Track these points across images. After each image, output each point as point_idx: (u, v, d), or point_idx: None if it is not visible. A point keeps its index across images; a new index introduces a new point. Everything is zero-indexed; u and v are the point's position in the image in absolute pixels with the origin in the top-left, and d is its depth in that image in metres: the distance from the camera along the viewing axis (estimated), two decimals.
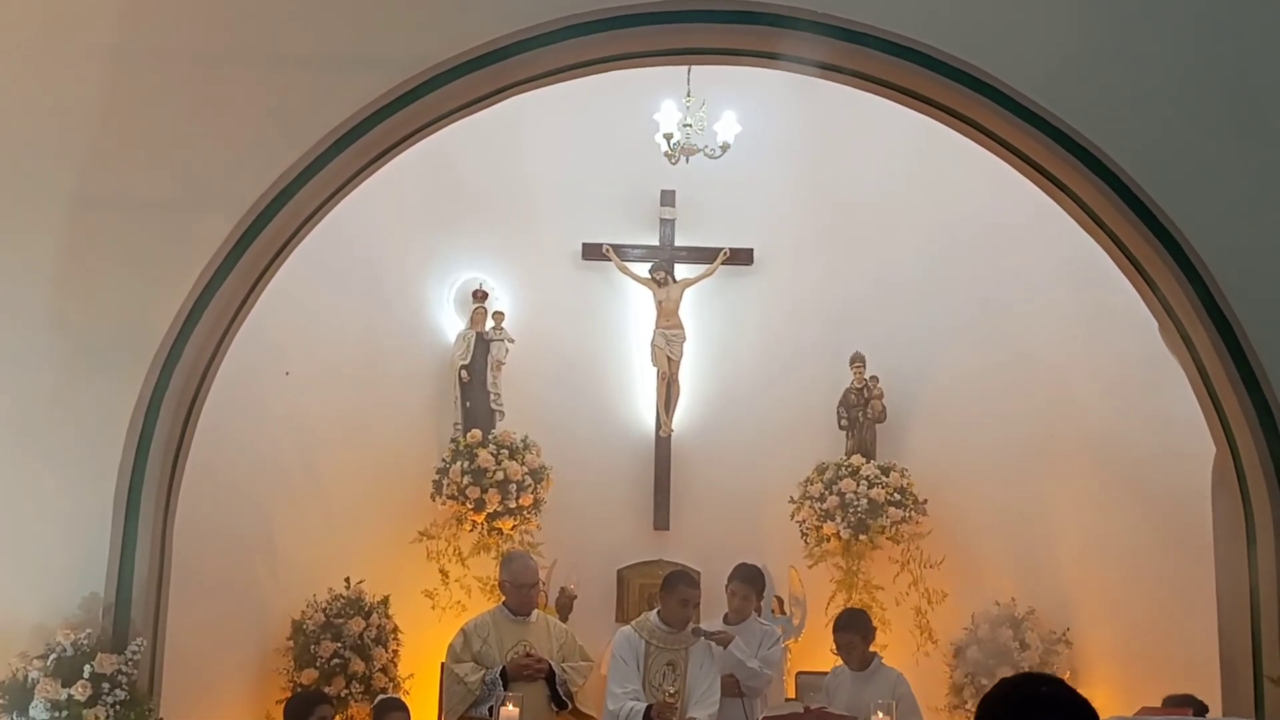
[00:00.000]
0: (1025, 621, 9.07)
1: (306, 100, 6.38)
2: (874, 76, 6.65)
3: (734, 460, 10.13)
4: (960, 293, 9.81)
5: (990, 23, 6.40)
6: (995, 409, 9.52)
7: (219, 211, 6.33)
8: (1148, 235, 6.42)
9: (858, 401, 9.94)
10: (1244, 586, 6.48)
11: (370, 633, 8.85)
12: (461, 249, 10.23)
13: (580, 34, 6.41)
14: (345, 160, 6.46)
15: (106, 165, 6.37)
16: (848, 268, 10.15)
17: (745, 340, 10.42)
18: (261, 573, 8.77)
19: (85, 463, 6.21)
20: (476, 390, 9.96)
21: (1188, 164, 6.36)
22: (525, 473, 9.65)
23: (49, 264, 6.32)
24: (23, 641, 5.96)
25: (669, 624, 6.94)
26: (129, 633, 6.10)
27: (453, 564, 9.72)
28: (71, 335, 6.27)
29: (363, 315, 9.71)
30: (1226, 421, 6.55)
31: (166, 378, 6.30)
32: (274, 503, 8.84)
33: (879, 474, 9.69)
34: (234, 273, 6.38)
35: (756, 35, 6.55)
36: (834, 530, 9.64)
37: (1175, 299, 6.51)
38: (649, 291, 10.39)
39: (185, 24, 6.44)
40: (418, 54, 6.37)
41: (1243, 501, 6.53)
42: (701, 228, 10.42)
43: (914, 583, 9.61)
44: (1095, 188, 6.47)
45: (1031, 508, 9.29)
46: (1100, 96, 6.38)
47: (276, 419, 8.86)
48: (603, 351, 10.44)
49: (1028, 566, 9.27)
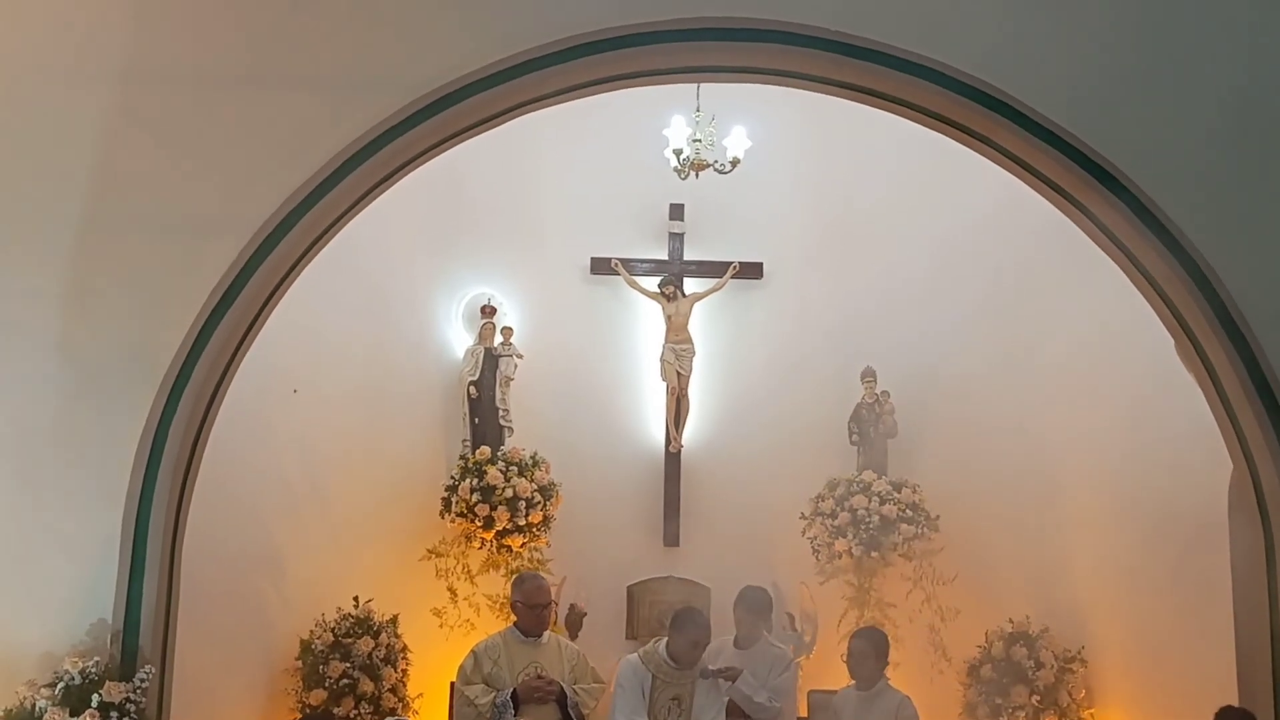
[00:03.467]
0: (1039, 640, 8.99)
1: (315, 121, 6.35)
2: (886, 94, 6.61)
3: (744, 476, 10.08)
4: (971, 307, 9.76)
5: (1004, 40, 6.36)
6: (1008, 425, 9.46)
7: (227, 233, 6.31)
8: (1163, 252, 6.38)
9: (869, 416, 9.89)
10: (1262, 604, 6.44)
11: (379, 652, 8.80)
12: (470, 264, 10.20)
13: (589, 53, 6.39)
14: (354, 181, 6.44)
15: (114, 188, 6.34)
16: (858, 281, 10.11)
17: (755, 354, 10.38)
18: (269, 592, 8.72)
19: (93, 487, 6.18)
20: (485, 406, 9.93)
21: (1203, 180, 6.32)
22: (534, 489, 9.60)
23: (57, 287, 6.29)
24: (30, 669, 5.93)
25: (677, 661, 6.84)
26: (137, 659, 6.06)
27: (461, 582, 9.68)
28: (79, 359, 6.25)
29: (371, 332, 9.67)
30: (1244, 439, 6.50)
31: (175, 401, 6.27)
32: (281, 522, 8.79)
33: (891, 490, 9.64)
34: (242, 295, 6.36)
35: (768, 53, 6.53)
36: (846, 547, 9.58)
37: (1191, 316, 6.47)
38: (658, 306, 10.35)
39: (192, 47, 6.41)
40: (427, 74, 6.35)
41: (1261, 519, 6.49)
42: (711, 242, 10.39)
43: (927, 600, 9.55)
44: (1110, 204, 6.43)
45: (1045, 524, 9.23)
46: (1115, 113, 6.34)
47: (284, 437, 8.82)
48: (612, 367, 10.41)
49: (1041, 584, 9.20)
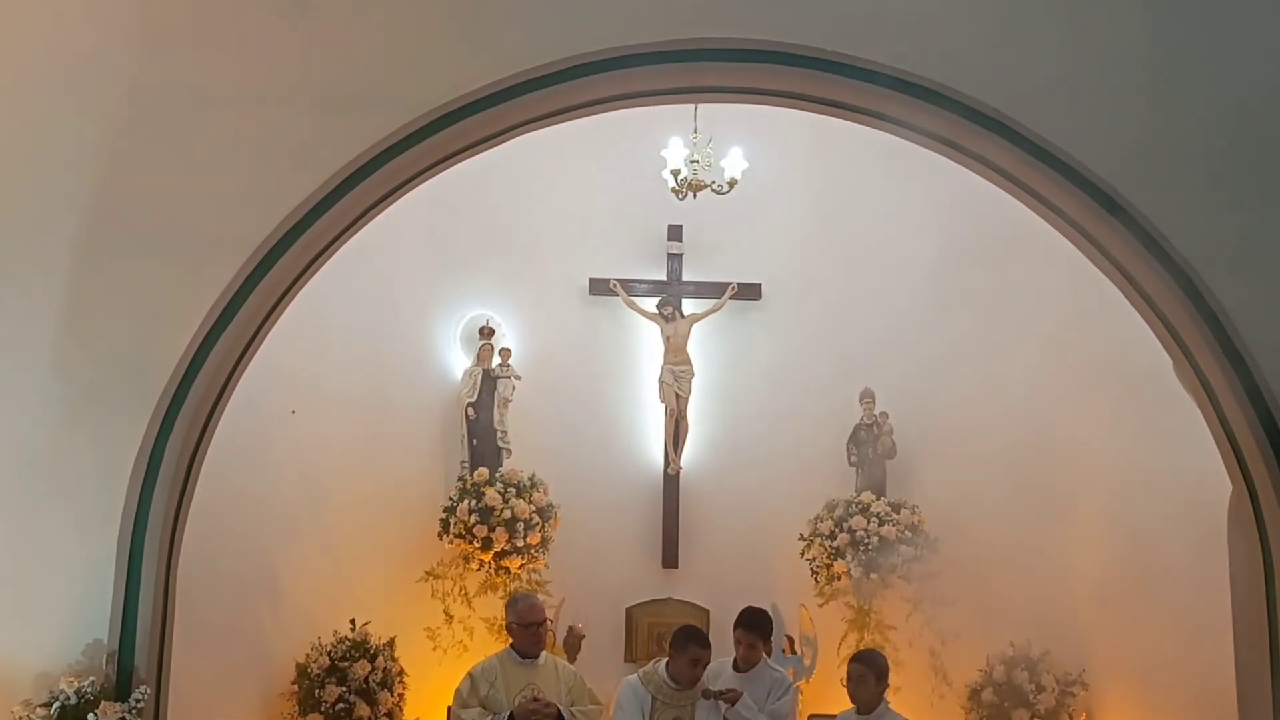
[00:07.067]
0: (1041, 663, 8.96)
1: (314, 141, 6.36)
2: (884, 114, 6.60)
3: (743, 497, 10.07)
4: (970, 328, 9.74)
5: (1003, 62, 6.33)
6: (1006, 445, 9.43)
7: (225, 253, 6.30)
8: (1161, 273, 6.37)
9: (867, 438, 9.88)
10: (1261, 624, 6.40)
11: (376, 676, 8.75)
12: (468, 285, 10.22)
13: (588, 74, 6.40)
14: (352, 201, 6.44)
15: (113, 206, 6.34)
16: (856, 302, 10.12)
17: (754, 376, 10.38)
18: (265, 615, 8.67)
19: (89, 507, 6.15)
20: (483, 428, 9.92)
21: (1202, 202, 6.30)
22: (533, 511, 9.59)
23: (55, 305, 6.29)
24: (26, 689, 5.91)
25: (677, 681, 6.80)
26: (133, 680, 6.03)
27: (458, 604, 9.66)
28: (75, 378, 6.24)
29: (369, 353, 9.67)
30: (1243, 459, 6.48)
31: (171, 420, 6.26)
32: (278, 542, 8.75)
33: (890, 511, 9.61)
34: (240, 315, 6.35)
35: (765, 74, 6.53)
36: (845, 568, 9.55)
37: (1189, 336, 6.46)
38: (656, 327, 10.35)
39: (191, 65, 6.42)
40: (426, 94, 6.35)
41: (1260, 539, 6.46)
42: (709, 263, 10.41)
43: (927, 622, 9.51)
44: (1109, 227, 6.42)
45: (1045, 546, 9.18)
46: (1113, 134, 6.32)
47: (281, 458, 8.79)
48: (610, 388, 10.41)
49: (1042, 606, 9.16)
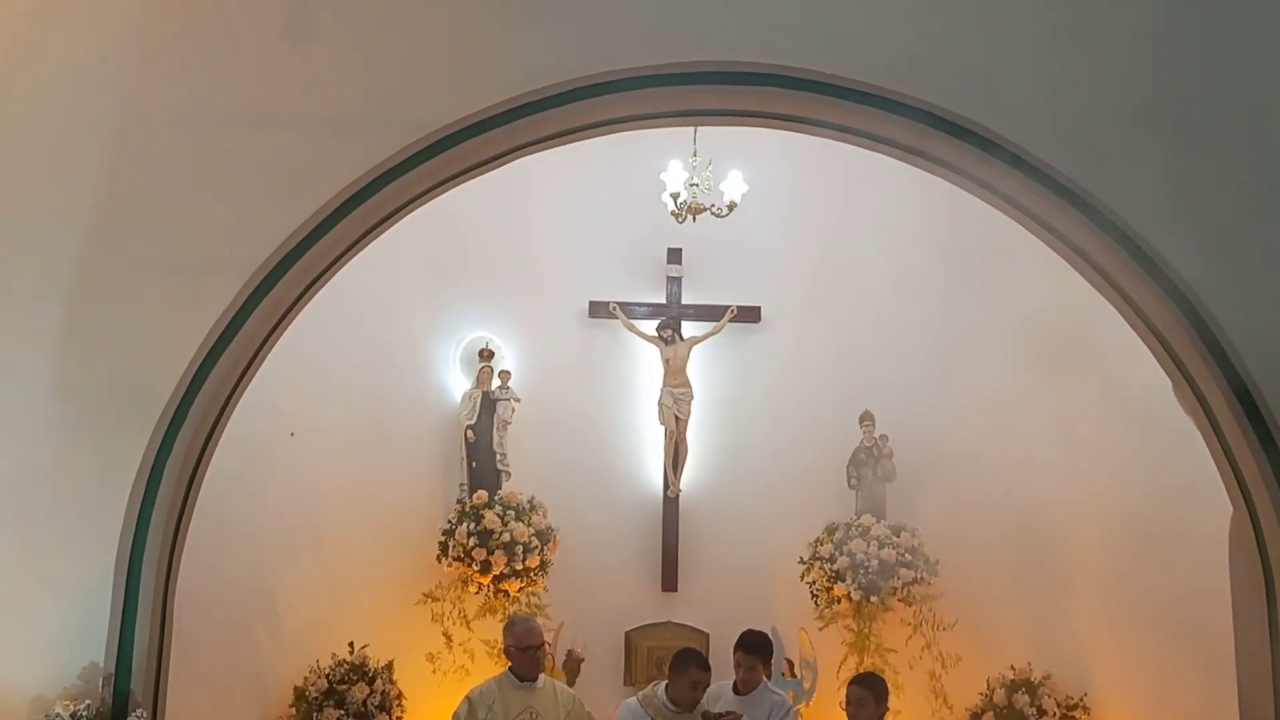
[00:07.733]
0: (1042, 687, 8.92)
1: (313, 163, 6.36)
2: (882, 137, 6.62)
3: (743, 520, 10.05)
4: (969, 350, 9.74)
5: (997, 81, 6.36)
6: (1007, 468, 9.42)
7: (224, 274, 6.29)
8: (1160, 294, 6.36)
9: (867, 460, 9.87)
10: (1264, 649, 6.37)
11: (374, 699, 8.72)
12: (467, 308, 10.22)
13: (587, 96, 6.41)
14: (352, 223, 6.44)
15: (111, 228, 6.33)
16: (856, 325, 10.12)
17: (753, 398, 10.37)
18: (264, 637, 8.64)
19: (86, 529, 6.12)
20: (482, 450, 9.91)
21: (1200, 222, 6.30)
22: (532, 534, 9.57)
23: (55, 325, 6.27)
24: (21, 713, 5.87)
25: (677, 704, 6.76)
26: (129, 703, 5.99)
27: (457, 627, 9.62)
28: (73, 399, 6.22)
29: (368, 375, 9.67)
30: (1243, 481, 6.46)
31: (169, 443, 6.24)
32: (277, 565, 8.74)
33: (890, 534, 9.60)
34: (240, 335, 6.34)
35: (765, 97, 6.55)
36: (844, 591, 9.52)
37: (1188, 358, 6.45)
38: (656, 350, 10.35)
39: (190, 87, 6.43)
40: (426, 117, 6.36)
41: (1261, 562, 6.44)
42: (708, 285, 10.42)
43: (927, 646, 9.49)
44: (1104, 245, 6.42)
45: (1045, 568, 9.17)
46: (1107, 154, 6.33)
47: (280, 480, 8.78)
48: (610, 411, 10.40)
49: (1043, 630, 9.14)
